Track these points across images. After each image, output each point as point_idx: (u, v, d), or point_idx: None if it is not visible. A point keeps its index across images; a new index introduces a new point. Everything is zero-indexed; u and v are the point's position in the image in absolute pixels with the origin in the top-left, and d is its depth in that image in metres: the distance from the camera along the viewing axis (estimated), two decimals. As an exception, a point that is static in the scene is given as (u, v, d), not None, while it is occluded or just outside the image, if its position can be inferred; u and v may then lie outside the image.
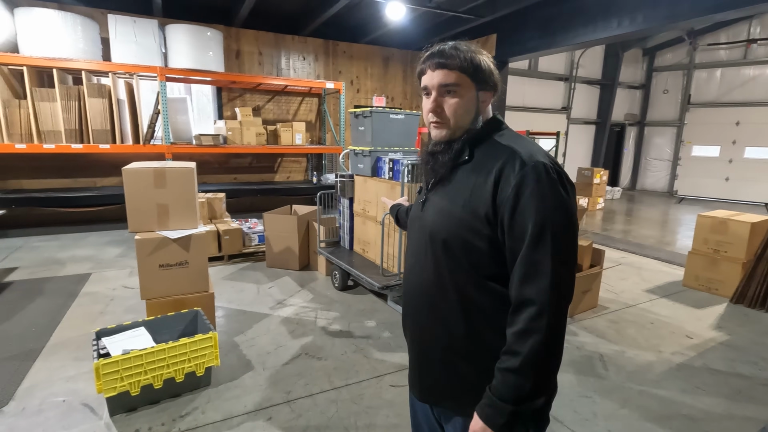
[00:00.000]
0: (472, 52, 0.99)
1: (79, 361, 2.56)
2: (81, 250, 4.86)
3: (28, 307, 3.27)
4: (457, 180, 1.01)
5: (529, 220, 0.88)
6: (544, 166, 0.90)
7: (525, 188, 0.89)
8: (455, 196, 0.99)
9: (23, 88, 5.12)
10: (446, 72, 0.98)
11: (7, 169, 5.58)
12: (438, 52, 0.99)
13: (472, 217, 0.94)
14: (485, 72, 1.00)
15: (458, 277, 0.98)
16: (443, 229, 0.99)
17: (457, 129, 1.02)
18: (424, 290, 1.06)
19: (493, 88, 1.03)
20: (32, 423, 2.03)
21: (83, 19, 5.13)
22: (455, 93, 0.99)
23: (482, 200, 0.93)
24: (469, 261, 0.96)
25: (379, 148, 3.52)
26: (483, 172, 0.96)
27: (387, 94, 8.20)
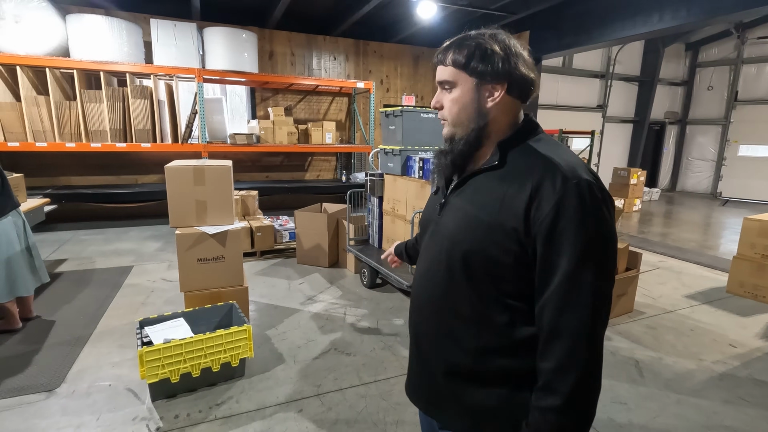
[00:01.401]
0: (473, 40, 0.90)
1: (124, 349, 2.71)
2: (123, 244, 5.11)
3: (77, 297, 3.48)
4: (486, 186, 0.91)
5: (568, 245, 0.80)
6: (588, 185, 0.81)
7: (566, 209, 0.80)
8: (483, 204, 0.89)
9: (73, 90, 5.43)
10: (441, 68, 0.94)
11: (58, 166, 5.94)
12: (444, 47, 0.94)
13: (501, 230, 0.85)
14: (486, 61, 0.88)
15: (475, 291, 0.90)
16: (465, 240, 0.90)
17: (456, 127, 0.94)
18: (435, 301, 0.98)
19: (503, 79, 0.88)
20: (82, 404, 2.16)
21: (128, 24, 5.39)
22: (451, 90, 0.93)
23: (514, 214, 0.84)
24: (490, 276, 0.88)
25: (410, 147, 3.53)
26: (516, 182, 0.86)
27: (417, 93, 8.18)
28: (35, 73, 5.22)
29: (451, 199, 0.97)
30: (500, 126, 0.92)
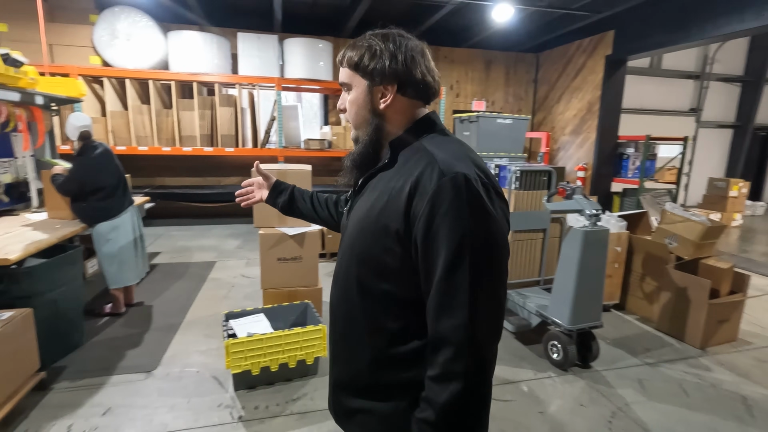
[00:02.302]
0: (365, 41, 0.89)
1: (209, 338, 2.91)
2: (207, 241, 5.53)
3: (169, 287, 3.81)
4: (377, 188, 0.88)
5: (442, 242, 0.75)
6: (465, 178, 0.76)
7: (440, 204, 0.75)
8: (372, 206, 0.86)
9: (170, 99, 6.00)
10: (341, 69, 0.93)
11: (155, 168, 6.58)
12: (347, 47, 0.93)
13: (384, 232, 0.82)
14: (375, 62, 0.86)
15: (369, 299, 0.87)
16: (357, 244, 0.88)
17: (357, 129, 0.94)
18: (339, 308, 0.95)
19: (392, 79, 0.86)
20: (175, 387, 2.36)
21: (218, 38, 5.86)
22: (348, 92, 0.93)
23: (394, 214, 0.81)
24: (381, 283, 0.84)
25: (485, 153, 3.44)
26: (400, 182, 0.83)
27: (487, 98, 8.00)
28: (140, 84, 5.84)
29: (354, 202, 0.97)
30: (396, 126, 0.91)
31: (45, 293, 2.40)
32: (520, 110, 8.21)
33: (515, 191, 2.99)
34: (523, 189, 3.02)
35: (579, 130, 7.11)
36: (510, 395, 2.38)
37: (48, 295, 2.42)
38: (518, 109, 8.21)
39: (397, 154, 0.89)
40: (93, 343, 2.78)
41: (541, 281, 3.24)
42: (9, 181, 3.33)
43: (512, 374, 2.58)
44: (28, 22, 5.03)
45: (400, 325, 0.85)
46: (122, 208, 3.03)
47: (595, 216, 2.48)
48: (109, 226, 2.94)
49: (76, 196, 2.91)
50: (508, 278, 3.15)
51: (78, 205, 2.93)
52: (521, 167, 2.99)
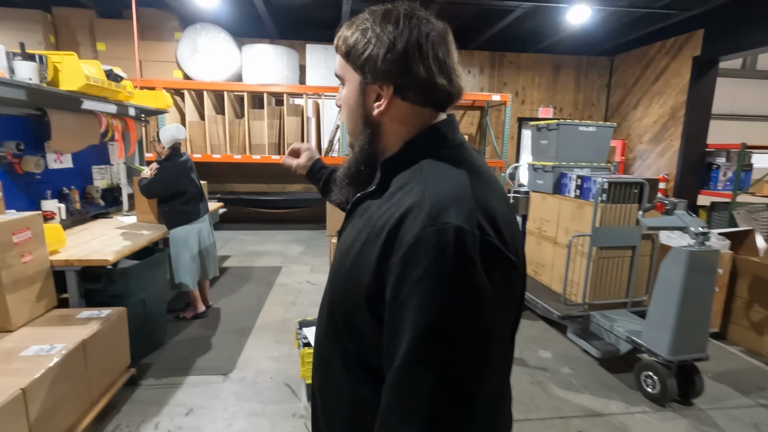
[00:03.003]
0: (361, 22, 0.66)
1: (280, 344, 2.95)
2: (272, 246, 5.69)
3: (240, 290, 3.94)
4: (362, 218, 0.67)
5: (407, 321, 0.53)
6: (456, 232, 0.53)
7: (414, 265, 0.53)
8: (351, 245, 0.66)
9: (242, 109, 6.30)
10: (337, 58, 0.71)
11: (225, 174, 6.93)
12: None
13: (356, 284, 0.62)
14: (363, 53, 0.64)
15: (338, 354, 0.68)
16: (333, 286, 0.69)
17: (350, 134, 0.74)
18: (317, 349, 0.76)
19: (387, 79, 0.64)
20: (250, 392, 2.39)
21: (288, 50, 6.07)
22: (343, 87, 0.72)
23: (368, 264, 0.60)
24: (351, 341, 0.65)
25: (564, 163, 3.23)
26: (383, 218, 0.61)
27: (555, 104, 7.63)
28: (216, 96, 6.18)
29: (344, 228, 0.75)
30: (394, 139, 0.68)
31: (136, 293, 2.54)
32: (591, 117, 7.75)
33: (602, 204, 2.76)
34: (611, 202, 2.79)
35: (659, 138, 6.55)
36: (600, 430, 2.16)
37: (139, 295, 2.56)
38: (588, 116, 7.75)
39: (388, 178, 0.67)
40: (174, 343, 2.91)
41: (629, 303, 2.96)
42: (105, 187, 3.61)
43: (601, 406, 2.35)
44: (123, 41, 5.51)
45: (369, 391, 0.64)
46: (200, 213, 3.17)
47: (703, 235, 2.22)
48: (187, 231, 3.08)
49: (160, 198, 3.08)
50: (593, 298, 2.91)
51: (162, 209, 3.11)
52: (609, 179, 2.76)
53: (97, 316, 2.19)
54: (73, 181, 3.20)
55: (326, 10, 5.82)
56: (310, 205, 6.90)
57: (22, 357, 1.77)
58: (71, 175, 3.20)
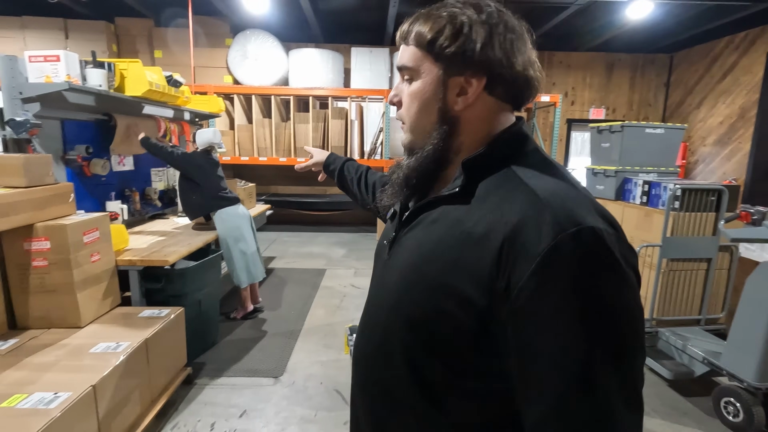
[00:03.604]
0: (445, 10, 0.61)
1: (328, 349, 2.93)
2: (315, 248, 5.74)
3: (286, 292, 3.98)
4: (441, 225, 0.61)
5: (559, 340, 0.48)
6: (595, 235, 0.48)
7: (558, 275, 0.48)
8: (432, 252, 0.60)
9: (287, 113, 6.41)
10: (404, 49, 0.65)
11: (270, 177, 7.08)
12: (408, 20, 0.66)
13: (451, 295, 0.55)
14: (454, 43, 0.59)
15: (415, 376, 0.60)
16: (406, 300, 0.61)
17: (414, 132, 0.67)
18: (369, 374, 0.68)
19: (481, 69, 0.59)
20: (301, 397, 2.37)
21: (333, 54, 6.12)
22: (412, 79, 0.65)
23: (471, 274, 0.54)
24: (434, 360, 0.58)
25: (629, 167, 3.03)
26: (482, 224, 0.55)
27: (608, 105, 7.26)
28: (263, 99, 6.33)
29: (401, 235, 0.68)
30: (473, 138, 0.64)
31: (193, 293, 2.59)
32: (647, 118, 7.32)
33: (674, 212, 2.56)
34: (684, 210, 2.57)
35: (726, 140, 6.08)
36: (676, 459, 1.98)
37: (195, 296, 2.62)
38: (644, 117, 7.32)
39: (474, 181, 0.61)
40: (225, 343, 2.95)
41: (702, 320, 2.72)
42: (162, 188, 3.75)
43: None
44: (178, 48, 5.75)
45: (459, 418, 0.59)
46: (231, 204, 3.16)
47: (800, 249, 1.99)
48: (233, 226, 3.07)
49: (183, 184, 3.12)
50: (662, 314, 2.70)
51: (185, 200, 3.15)
52: (682, 185, 2.54)
53: (157, 315, 2.25)
54: (134, 182, 3.34)
55: (372, 14, 5.82)
56: (352, 208, 6.91)
57: (91, 354, 1.83)
58: (132, 177, 3.34)
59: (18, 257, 1.97)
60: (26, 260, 1.98)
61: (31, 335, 1.96)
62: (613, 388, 0.48)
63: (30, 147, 2.23)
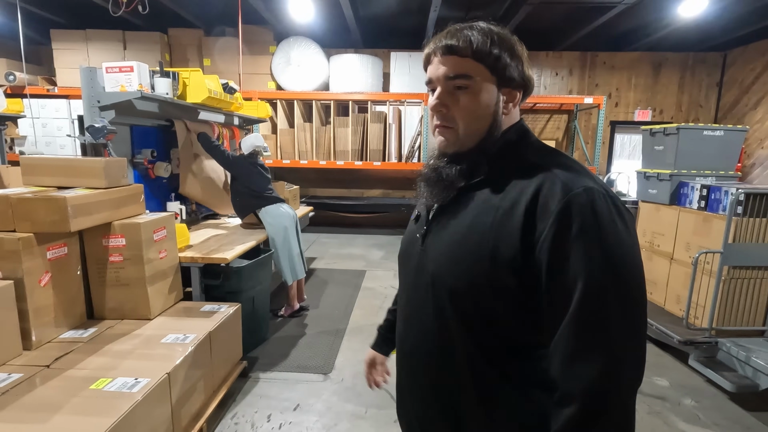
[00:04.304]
0: (494, 34, 0.73)
1: (373, 348, 2.98)
2: (354, 249, 5.83)
3: (329, 292, 4.07)
4: (471, 207, 0.74)
5: (576, 271, 0.62)
6: (596, 193, 0.64)
7: (569, 224, 0.63)
8: (469, 230, 0.72)
9: (328, 117, 6.56)
10: (456, 59, 0.73)
11: (310, 179, 7.25)
12: (447, 33, 0.74)
13: (492, 260, 0.68)
14: (511, 63, 0.73)
15: (471, 339, 0.72)
16: (451, 274, 0.73)
17: (466, 138, 0.75)
18: (422, 352, 0.80)
19: (522, 87, 0.76)
20: (350, 394, 2.43)
21: (373, 59, 6.22)
22: (467, 89, 0.73)
23: (507, 238, 0.67)
24: (486, 319, 0.70)
25: (684, 171, 2.93)
26: (507, 199, 0.70)
27: (654, 106, 7.00)
28: (304, 104, 6.50)
29: (433, 225, 0.80)
30: (497, 135, 0.77)
31: (247, 290, 2.71)
32: (697, 119, 6.99)
33: (736, 218, 2.45)
34: (748, 216, 2.46)
35: (787, 143, 5.73)
36: (742, 475, 1.90)
37: (249, 293, 2.74)
38: (694, 118, 7.00)
39: (496, 168, 0.75)
40: (275, 339, 3.07)
41: (767, 331, 2.59)
42: (214, 190, 3.92)
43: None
44: (225, 56, 6.01)
45: (512, 374, 0.71)
46: (272, 203, 3.27)
47: None
48: (280, 226, 3.18)
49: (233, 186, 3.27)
50: (722, 323, 2.59)
51: (233, 200, 3.31)
52: (746, 189, 2.44)
53: (217, 310, 2.37)
54: (190, 184, 3.52)
55: (412, 18, 5.88)
56: (389, 211, 6.98)
57: (162, 344, 1.96)
58: (189, 180, 3.52)
59: (97, 253, 2.14)
60: (104, 256, 2.14)
61: (107, 325, 2.12)
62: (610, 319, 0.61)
63: (106, 151, 2.41)
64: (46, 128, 5.68)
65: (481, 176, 0.75)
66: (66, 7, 5.64)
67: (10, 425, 1.37)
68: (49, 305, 1.93)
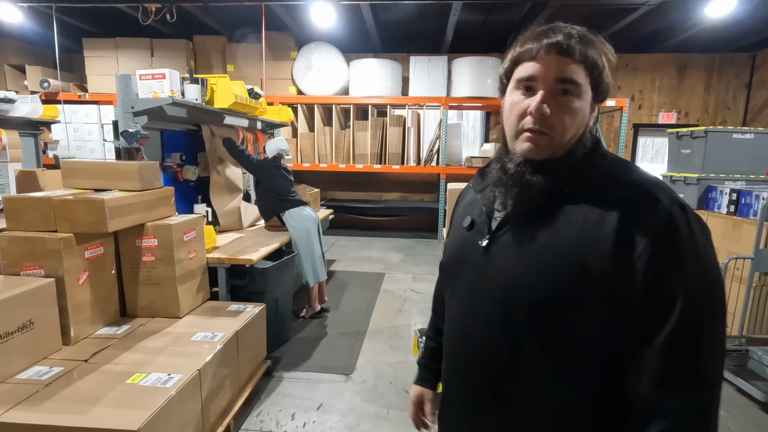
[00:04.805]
0: (602, 43, 0.72)
1: (394, 350, 3.00)
2: (372, 252, 5.86)
3: (349, 294, 4.11)
4: (553, 218, 0.71)
5: (677, 291, 0.61)
6: (688, 209, 0.65)
7: (669, 241, 0.62)
8: (552, 241, 0.69)
9: (347, 121, 6.63)
10: (569, 63, 0.69)
11: (329, 182, 7.33)
12: (564, 32, 0.70)
13: (579, 273, 0.66)
14: (606, 76, 0.72)
15: (547, 353, 0.69)
16: (530, 287, 0.70)
17: (559, 147, 0.72)
18: (487, 366, 0.76)
19: (604, 100, 0.75)
20: (372, 395, 2.46)
21: (392, 63, 6.27)
22: (573, 94, 0.69)
23: (598, 251, 0.65)
24: (568, 333, 0.68)
25: (712, 175, 2.87)
26: (595, 211, 0.67)
27: (679, 108, 6.85)
28: (324, 109, 6.59)
29: (500, 235, 0.76)
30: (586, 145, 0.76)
31: (272, 291, 2.77)
32: (725, 121, 6.82)
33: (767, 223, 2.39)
34: (780, 221, 2.40)
35: (821, 145, 5.53)
36: (775, 487, 1.85)
37: (273, 293, 2.79)
38: (722, 121, 6.83)
39: (577, 179, 0.72)
40: (297, 339, 3.12)
41: (801, 341, 2.51)
42: (237, 193, 4.01)
43: (772, 459, 2.02)
44: (248, 62, 6.15)
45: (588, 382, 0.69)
46: (295, 206, 3.32)
47: None
48: (303, 228, 3.24)
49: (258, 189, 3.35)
50: (753, 331, 2.53)
51: (258, 202, 3.39)
52: (779, 194, 2.38)
53: (243, 310, 2.43)
54: (215, 187, 3.61)
55: (432, 22, 5.90)
56: (407, 214, 7.00)
57: (192, 341, 2.03)
58: (214, 182, 3.62)
59: (131, 253, 2.22)
60: (137, 255, 2.22)
61: (139, 322, 2.20)
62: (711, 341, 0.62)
63: (139, 155, 2.50)
64: (77, 133, 5.90)
65: (566, 186, 0.72)
66: (98, 16, 5.86)
67: (54, 416, 1.44)
68: (87, 302, 2.01)
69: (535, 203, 0.73)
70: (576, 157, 0.73)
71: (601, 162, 0.74)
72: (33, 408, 1.47)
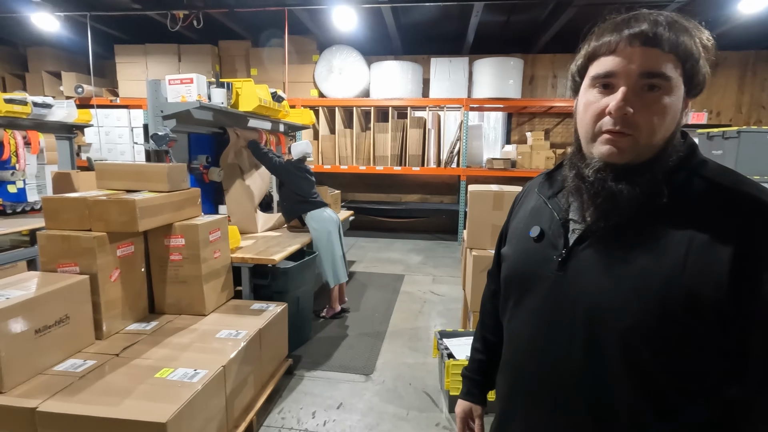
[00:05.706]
0: (696, 29, 0.63)
1: (413, 351, 3.00)
2: (392, 254, 5.88)
3: (368, 295, 4.13)
4: (648, 234, 0.62)
5: None
6: None
7: None
8: (651, 261, 0.60)
9: (368, 123, 6.67)
10: (657, 54, 0.60)
11: (350, 184, 7.39)
12: (650, 19, 0.61)
13: (687, 299, 0.57)
14: (702, 67, 0.62)
15: (638, 386, 0.62)
16: (622, 311, 0.61)
17: (645, 149, 0.63)
18: (561, 393, 0.68)
19: (699, 93, 0.65)
20: (392, 396, 2.47)
21: (413, 65, 6.28)
22: (662, 90, 0.61)
23: (709, 274, 0.56)
24: (664, 365, 0.60)
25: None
26: (703, 229, 0.58)
27: (710, 108, 6.62)
28: (345, 111, 6.65)
29: (579, 250, 0.68)
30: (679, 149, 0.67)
31: (293, 291, 2.82)
32: (760, 121, 6.55)
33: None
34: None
35: None
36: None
37: (295, 293, 2.84)
38: (756, 120, 6.56)
39: (673, 187, 0.62)
40: (317, 339, 3.15)
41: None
42: (260, 194, 4.09)
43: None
44: (271, 66, 6.27)
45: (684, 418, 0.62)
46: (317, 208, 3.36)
47: None
48: (324, 230, 3.28)
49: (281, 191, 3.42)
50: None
51: (281, 203, 3.46)
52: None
53: (265, 309, 2.48)
54: (239, 188, 3.69)
55: (453, 23, 5.89)
56: (427, 216, 6.99)
57: (217, 338, 2.08)
58: (238, 184, 3.70)
59: (159, 251, 2.30)
60: (165, 254, 2.30)
61: (167, 319, 2.27)
62: None
63: (167, 157, 2.59)
64: (109, 136, 6.13)
65: (662, 197, 0.62)
66: (129, 24, 6.08)
67: (88, 406, 1.50)
68: (118, 299, 2.09)
69: (624, 215, 0.64)
70: (669, 163, 0.64)
71: (702, 170, 0.64)
72: (69, 398, 1.54)
